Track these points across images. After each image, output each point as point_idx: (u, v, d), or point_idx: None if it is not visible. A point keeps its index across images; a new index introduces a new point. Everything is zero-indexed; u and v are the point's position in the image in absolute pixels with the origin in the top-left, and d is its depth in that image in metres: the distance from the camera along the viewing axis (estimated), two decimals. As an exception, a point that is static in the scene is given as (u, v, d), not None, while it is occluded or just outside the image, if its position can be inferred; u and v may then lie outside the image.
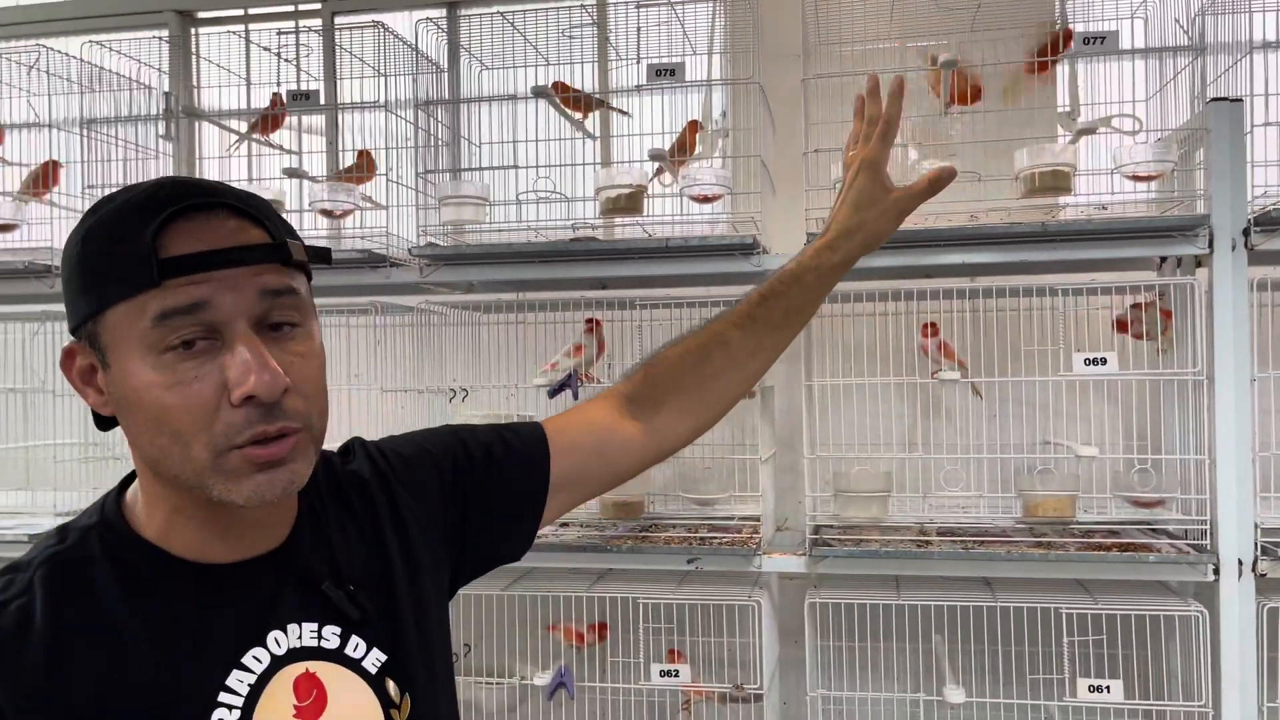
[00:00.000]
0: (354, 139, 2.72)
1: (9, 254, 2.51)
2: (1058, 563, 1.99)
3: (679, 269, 2.27)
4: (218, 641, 0.87)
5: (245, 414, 0.81)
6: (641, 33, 2.44)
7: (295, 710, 0.88)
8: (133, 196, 0.83)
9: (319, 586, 0.93)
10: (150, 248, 0.79)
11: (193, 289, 0.80)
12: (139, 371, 0.81)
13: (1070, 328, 2.11)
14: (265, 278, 0.83)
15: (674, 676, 2.17)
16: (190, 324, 0.80)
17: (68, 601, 0.84)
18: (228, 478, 0.82)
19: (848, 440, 2.32)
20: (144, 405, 0.81)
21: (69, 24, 3.05)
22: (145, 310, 0.79)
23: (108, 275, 0.81)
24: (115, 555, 0.87)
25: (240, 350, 0.81)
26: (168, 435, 0.82)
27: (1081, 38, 2.07)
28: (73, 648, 0.82)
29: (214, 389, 0.81)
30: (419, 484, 1.06)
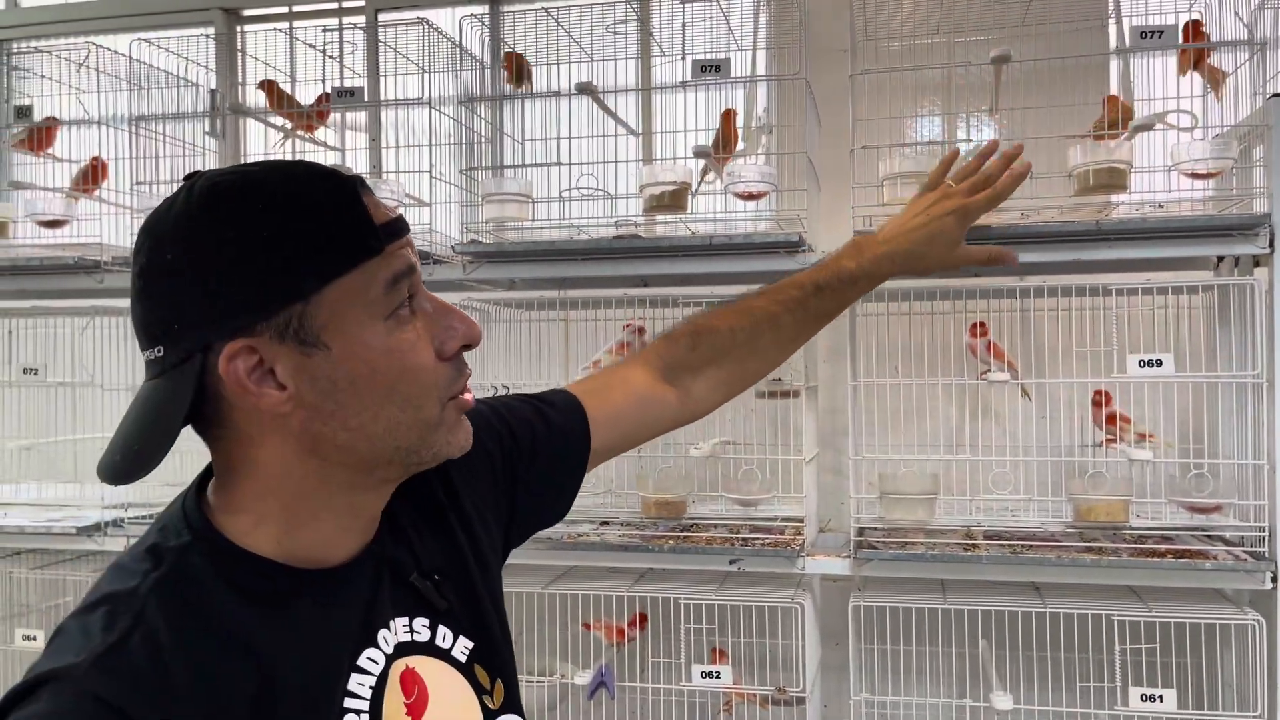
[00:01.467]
0: (397, 135, 2.73)
1: (59, 249, 2.54)
2: (1110, 569, 1.94)
3: (723, 267, 2.25)
4: (336, 646, 0.85)
5: (455, 364, 0.86)
6: (684, 28, 2.42)
7: (406, 708, 0.88)
8: (297, 176, 0.81)
9: (407, 579, 0.93)
10: (368, 217, 0.80)
11: (405, 253, 0.83)
12: (374, 341, 0.80)
13: (1125, 328, 2.06)
14: None
15: (715, 678, 2.15)
16: (410, 286, 0.83)
17: (195, 625, 0.78)
18: (450, 429, 0.86)
19: (893, 441, 2.29)
20: (378, 375, 0.81)
21: (118, 21, 3.09)
22: (374, 278, 0.80)
23: (323, 251, 0.78)
24: (224, 572, 0.81)
25: (440, 306, 0.86)
26: (399, 401, 0.82)
27: (1138, 32, 2.02)
28: (211, 669, 0.76)
29: (431, 346, 0.84)
30: (472, 469, 1.06)
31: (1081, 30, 2.26)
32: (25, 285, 2.59)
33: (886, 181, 2.15)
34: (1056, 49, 2.23)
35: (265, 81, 2.60)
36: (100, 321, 2.50)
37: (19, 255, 2.56)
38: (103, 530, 2.36)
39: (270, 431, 0.81)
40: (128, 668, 0.73)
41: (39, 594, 2.73)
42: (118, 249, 2.53)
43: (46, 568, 2.63)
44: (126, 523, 2.37)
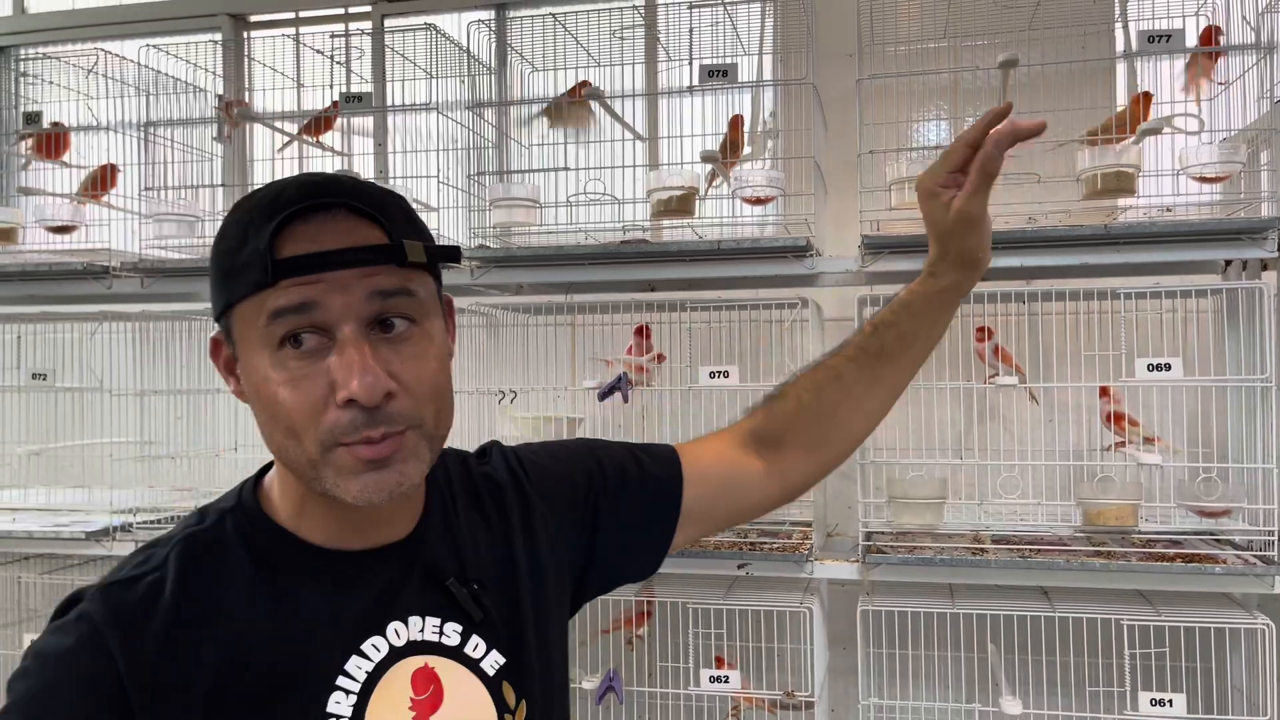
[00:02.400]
0: (403, 141, 2.74)
1: (68, 255, 2.55)
2: (1119, 573, 1.94)
3: (730, 271, 2.25)
4: (340, 626, 0.89)
5: (350, 415, 0.82)
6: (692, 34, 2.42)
7: (412, 703, 0.90)
8: (263, 196, 0.85)
9: (443, 582, 0.94)
10: (268, 248, 0.81)
11: (303, 289, 0.81)
12: (259, 366, 0.84)
13: (1133, 333, 2.06)
14: (377, 279, 0.83)
15: (724, 683, 2.15)
16: (301, 323, 0.82)
17: (197, 578, 0.87)
18: (338, 473, 0.84)
19: (900, 445, 2.29)
20: (263, 398, 0.84)
21: (127, 28, 3.09)
22: (263, 308, 0.82)
23: (235, 272, 0.83)
24: (248, 537, 0.90)
25: (347, 352, 0.82)
26: (283, 429, 0.84)
27: (1146, 36, 2.02)
28: (196, 623, 0.84)
29: (323, 387, 0.82)
30: (553, 495, 1.07)
31: (1088, 35, 2.26)
32: (34, 291, 2.60)
33: (894, 186, 2.15)
34: (1063, 53, 2.23)
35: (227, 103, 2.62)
36: (108, 327, 2.51)
37: (28, 261, 2.56)
38: (111, 535, 2.36)
39: None
40: (122, 601, 0.83)
41: (46, 599, 2.74)
42: (126, 254, 2.54)
43: (54, 573, 2.63)
44: (135, 527, 2.37)
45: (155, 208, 2.53)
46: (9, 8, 3.24)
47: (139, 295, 2.50)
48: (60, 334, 2.84)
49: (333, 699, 0.86)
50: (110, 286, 2.49)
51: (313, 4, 3.03)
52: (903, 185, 2.15)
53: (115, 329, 2.53)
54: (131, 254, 2.53)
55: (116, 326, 2.53)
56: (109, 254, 2.51)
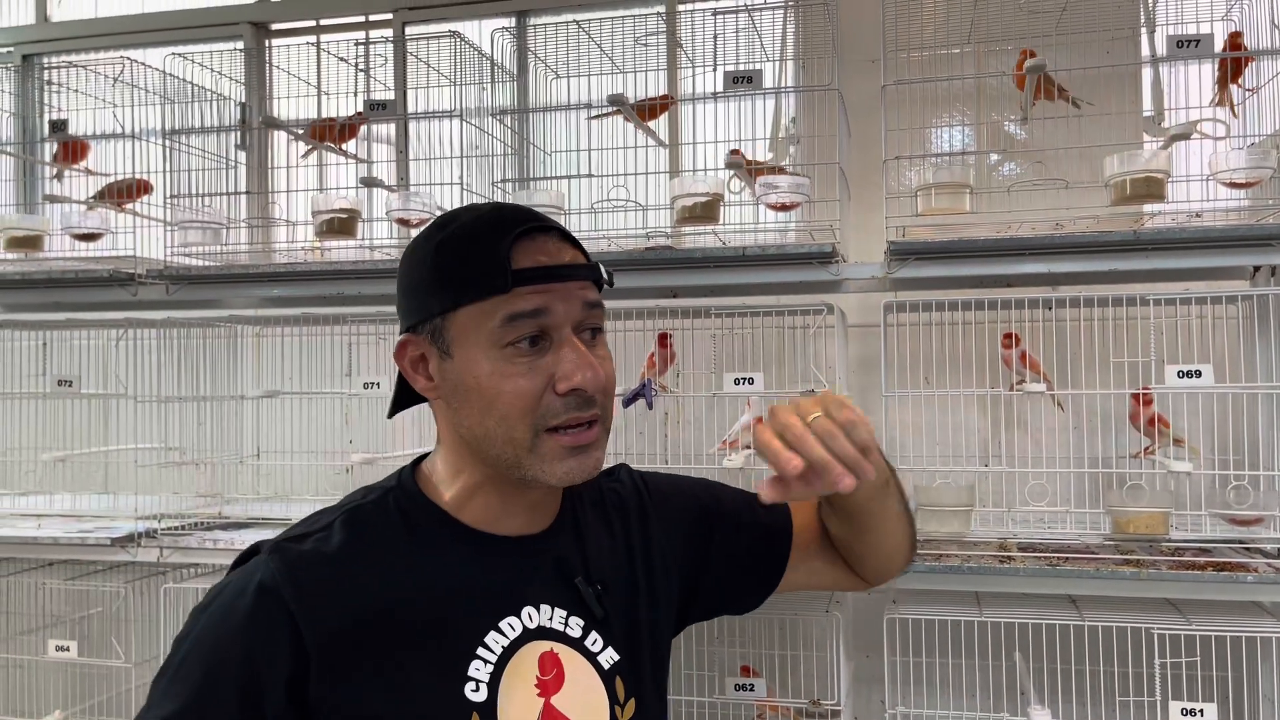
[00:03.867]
0: (426, 148, 2.74)
1: (94, 262, 2.56)
2: (1150, 581, 1.92)
3: (754, 278, 2.25)
4: (482, 602, 1.00)
5: (565, 402, 0.96)
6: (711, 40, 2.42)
7: (538, 681, 0.99)
8: (481, 216, 0.98)
9: (572, 579, 1.04)
10: (506, 260, 0.94)
11: (535, 297, 0.95)
12: (481, 362, 0.96)
13: (1163, 339, 2.05)
14: (587, 292, 0.99)
15: (749, 690, 2.14)
16: (530, 326, 0.95)
17: (360, 539, 0.99)
18: (543, 459, 0.97)
19: (926, 453, 2.27)
20: (481, 391, 0.96)
21: (149, 36, 3.11)
22: (495, 312, 0.95)
23: (464, 281, 0.95)
24: (407, 514, 1.03)
25: (568, 350, 0.96)
26: (496, 418, 0.96)
27: (1175, 41, 2.01)
28: (358, 574, 0.97)
29: (541, 381, 0.96)
30: (672, 521, 1.17)
31: (1115, 39, 2.25)
32: (60, 298, 2.61)
33: (920, 192, 2.14)
34: (1089, 58, 2.22)
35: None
36: (134, 334, 2.52)
37: (54, 267, 2.58)
38: (135, 541, 2.36)
39: (441, 413, 1.03)
40: (293, 556, 0.96)
41: (71, 605, 2.75)
42: (151, 261, 2.55)
43: (78, 579, 2.64)
44: (159, 533, 2.38)
45: (180, 215, 2.54)
46: (32, 16, 3.27)
47: (164, 302, 2.51)
48: (85, 341, 2.85)
49: (473, 665, 0.97)
50: (135, 293, 2.50)
51: (334, 12, 3.05)
52: (928, 191, 2.14)
53: (140, 335, 2.53)
54: (157, 261, 2.53)
55: (141, 333, 2.54)
56: (134, 261, 2.53)
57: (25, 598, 2.82)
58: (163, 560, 2.33)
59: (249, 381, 2.69)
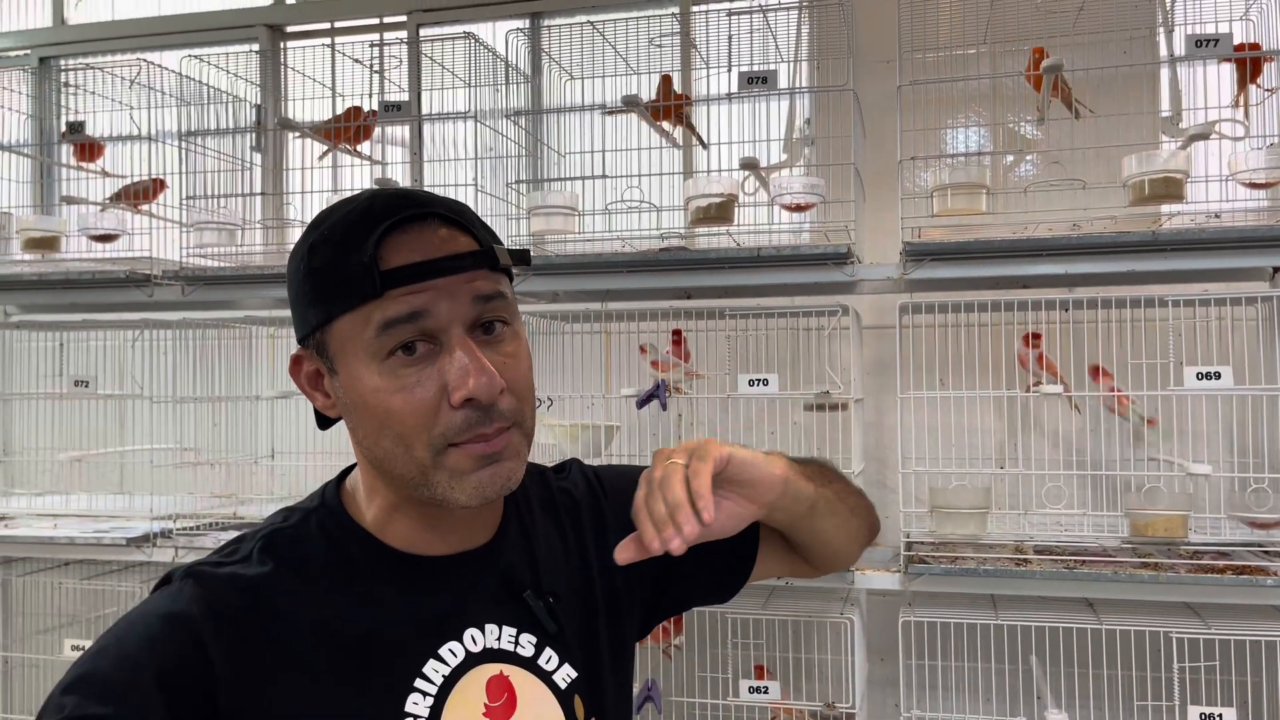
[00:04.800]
0: (440, 149, 2.75)
1: (110, 263, 2.58)
2: (1168, 585, 1.91)
3: (768, 279, 2.24)
4: (418, 630, 0.90)
5: (464, 415, 0.84)
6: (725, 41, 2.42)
7: (485, 709, 0.90)
8: (351, 210, 0.87)
9: (520, 593, 0.95)
10: (372, 261, 0.82)
11: (412, 298, 0.83)
12: (365, 377, 0.85)
13: (1182, 341, 2.03)
14: (477, 283, 0.85)
15: (763, 693, 2.14)
16: (411, 331, 0.83)
17: (281, 569, 0.88)
18: (450, 475, 0.85)
19: (942, 455, 2.26)
20: (370, 409, 0.85)
21: (165, 39, 3.13)
22: (370, 320, 0.83)
23: (334, 288, 0.85)
24: (332, 537, 0.92)
25: (458, 354, 0.84)
26: (391, 437, 0.85)
27: (1193, 40, 2.00)
28: (279, 610, 0.86)
29: (435, 392, 0.84)
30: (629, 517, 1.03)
31: (1133, 39, 2.24)
32: (76, 299, 2.63)
33: (936, 193, 2.13)
34: (1106, 58, 2.21)
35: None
36: (150, 334, 2.53)
37: (71, 269, 2.59)
38: (151, 541, 2.37)
39: (350, 432, 0.91)
40: (208, 580, 0.86)
41: (86, 604, 2.76)
42: (167, 263, 2.56)
43: (94, 578, 2.65)
44: (175, 533, 2.39)
45: (195, 216, 2.55)
46: (49, 19, 3.29)
47: (179, 303, 2.52)
48: (102, 341, 2.87)
49: (410, 700, 0.87)
50: (152, 294, 2.51)
51: (349, 14, 3.06)
52: (944, 192, 2.13)
53: (156, 336, 2.55)
54: (172, 262, 2.55)
55: (157, 334, 2.55)
56: (150, 262, 2.54)
57: (41, 597, 2.84)
58: (177, 560, 2.34)
59: (264, 382, 2.69)
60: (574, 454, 2.31)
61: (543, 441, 2.34)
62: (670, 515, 0.84)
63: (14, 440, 3.04)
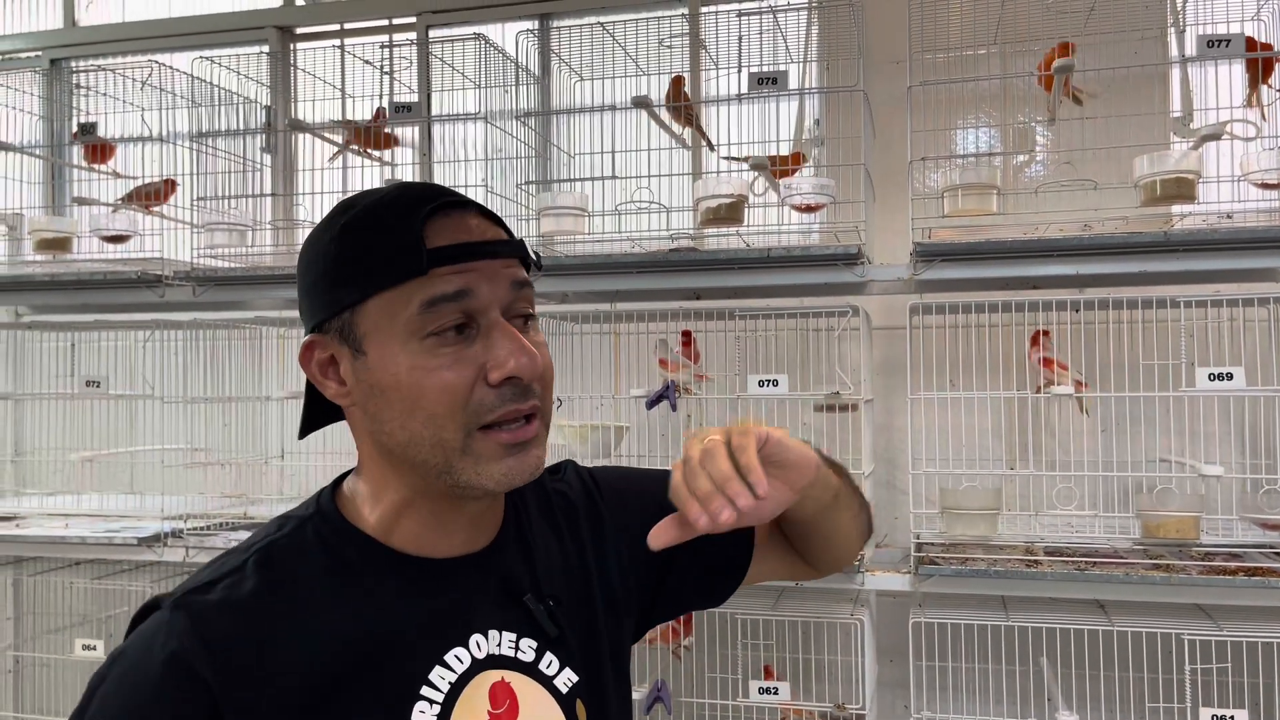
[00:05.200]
0: (449, 150, 2.75)
1: (122, 264, 2.59)
2: (1180, 586, 1.90)
3: (778, 279, 2.24)
4: (425, 636, 0.89)
5: (499, 393, 0.84)
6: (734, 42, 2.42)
7: (490, 717, 0.89)
8: (384, 197, 0.87)
9: (520, 597, 0.94)
10: (419, 239, 0.83)
11: (457, 277, 0.83)
12: (399, 357, 0.84)
13: (1194, 342, 2.03)
14: (514, 270, 0.87)
15: (773, 694, 2.13)
16: (454, 310, 0.84)
17: (277, 582, 0.86)
18: (477, 461, 0.85)
19: (952, 456, 2.26)
20: (402, 388, 0.84)
21: (176, 40, 3.14)
22: (411, 298, 0.83)
23: (371, 266, 0.84)
24: (329, 544, 0.90)
25: (499, 335, 0.85)
26: (422, 418, 0.84)
27: (1205, 41, 1.99)
28: (278, 625, 0.84)
29: (471, 372, 0.84)
30: (627, 518, 1.06)
31: (1144, 39, 2.23)
32: (88, 299, 2.64)
33: (947, 194, 2.13)
34: (1117, 59, 2.20)
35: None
36: (160, 335, 2.54)
37: (82, 269, 2.60)
38: (162, 541, 2.38)
39: (359, 424, 0.90)
40: (199, 610, 0.83)
41: (98, 604, 2.77)
42: (178, 263, 2.57)
43: (106, 578, 2.66)
44: (185, 533, 2.39)
45: (206, 217, 2.56)
46: (61, 21, 3.30)
47: (190, 304, 2.53)
48: (113, 342, 2.88)
49: (418, 708, 0.86)
50: (163, 295, 2.52)
51: (358, 16, 3.07)
52: (955, 192, 2.13)
53: (166, 337, 2.56)
54: (183, 263, 2.55)
55: (167, 334, 2.56)
56: (161, 263, 2.54)
57: (53, 597, 2.85)
58: (188, 560, 2.34)
59: (274, 383, 2.70)
60: (584, 454, 2.31)
61: (553, 442, 2.35)
62: (720, 488, 0.82)
63: (26, 440, 3.05)
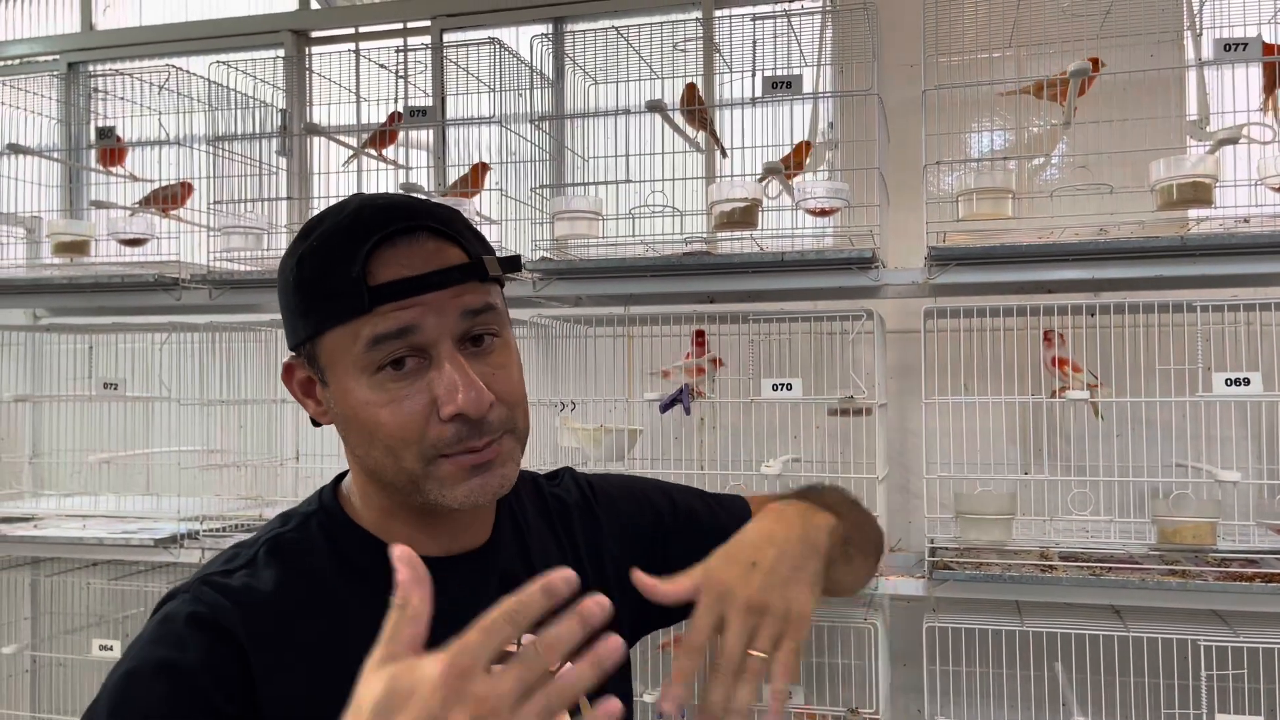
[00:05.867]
0: (463, 154, 2.76)
1: (138, 267, 2.60)
2: (1196, 592, 1.89)
3: (792, 283, 2.24)
4: (430, 633, 0.88)
5: (454, 429, 0.85)
6: (749, 45, 2.42)
7: None
8: (339, 221, 0.87)
9: None
10: (361, 276, 0.83)
11: (401, 314, 0.83)
12: (354, 390, 0.86)
13: (1210, 347, 2.02)
14: (466, 298, 0.86)
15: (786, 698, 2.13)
16: (400, 346, 0.84)
17: (289, 573, 0.89)
18: (441, 484, 0.87)
19: (966, 460, 2.26)
20: (360, 420, 0.86)
21: (191, 44, 3.16)
22: (358, 335, 0.84)
23: (323, 302, 0.85)
24: (333, 540, 0.93)
25: (447, 370, 0.84)
26: (381, 448, 0.86)
27: (1222, 44, 1.98)
28: (293, 611, 0.87)
29: (424, 405, 0.85)
30: (622, 526, 1.07)
31: (1160, 43, 2.22)
32: (105, 302, 2.66)
33: (961, 197, 2.13)
34: (1133, 62, 2.19)
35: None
36: (177, 337, 2.55)
37: (100, 272, 2.62)
38: (178, 542, 2.40)
39: (342, 440, 0.93)
40: (224, 588, 0.86)
41: (115, 605, 2.79)
42: (195, 266, 2.58)
43: (122, 579, 2.68)
44: (202, 534, 2.41)
45: (222, 220, 2.58)
46: (78, 25, 3.33)
47: (206, 306, 2.54)
48: (130, 344, 2.90)
49: None
50: (179, 298, 2.53)
51: (373, 20, 3.08)
52: (970, 196, 2.12)
53: (183, 339, 2.57)
54: (200, 266, 2.57)
55: (184, 337, 2.57)
56: (178, 266, 2.56)
57: (70, 597, 2.87)
58: (204, 562, 2.35)
59: (289, 385, 2.71)
60: (596, 458, 2.32)
61: (565, 445, 2.35)
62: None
63: (44, 441, 3.08)
